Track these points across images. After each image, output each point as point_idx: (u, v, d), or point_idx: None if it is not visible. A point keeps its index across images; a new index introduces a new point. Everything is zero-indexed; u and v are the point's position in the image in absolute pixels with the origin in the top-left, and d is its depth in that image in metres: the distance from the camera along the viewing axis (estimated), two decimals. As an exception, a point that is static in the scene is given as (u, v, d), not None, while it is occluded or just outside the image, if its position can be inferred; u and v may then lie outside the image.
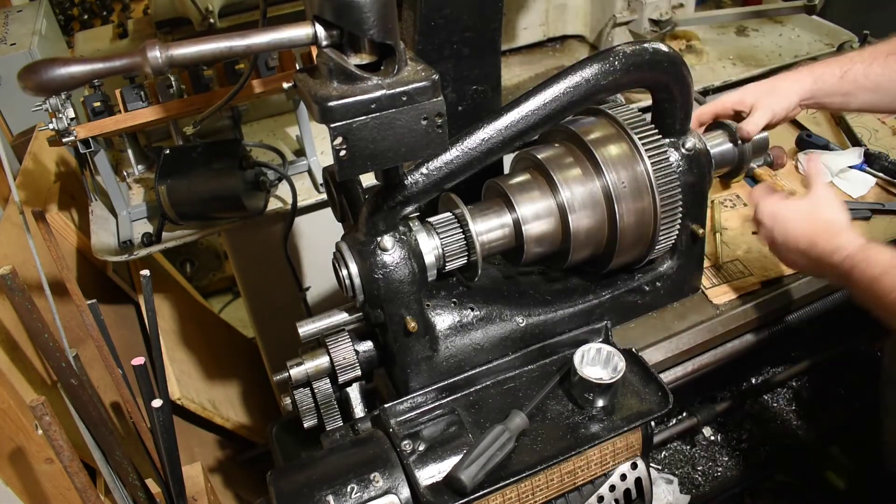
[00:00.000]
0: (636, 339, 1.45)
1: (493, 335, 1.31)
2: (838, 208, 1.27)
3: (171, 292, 2.69)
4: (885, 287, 1.08)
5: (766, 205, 1.35)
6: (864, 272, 1.12)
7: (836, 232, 1.22)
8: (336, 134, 0.94)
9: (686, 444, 1.86)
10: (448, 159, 1.17)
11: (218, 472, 2.40)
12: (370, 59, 0.96)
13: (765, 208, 1.35)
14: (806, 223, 1.27)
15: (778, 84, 1.50)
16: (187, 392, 2.18)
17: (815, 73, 1.50)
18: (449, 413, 1.25)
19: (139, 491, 1.38)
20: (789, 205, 1.32)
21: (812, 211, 1.28)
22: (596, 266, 1.40)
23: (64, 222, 2.15)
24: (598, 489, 1.26)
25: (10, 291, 1.18)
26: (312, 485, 1.14)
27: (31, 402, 1.11)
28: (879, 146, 1.97)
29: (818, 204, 1.29)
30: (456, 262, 1.24)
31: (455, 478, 1.11)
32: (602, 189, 1.29)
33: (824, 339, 1.77)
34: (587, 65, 1.21)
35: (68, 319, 1.67)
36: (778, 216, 1.32)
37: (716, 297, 1.54)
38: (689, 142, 1.36)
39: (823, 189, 1.31)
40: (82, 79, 0.87)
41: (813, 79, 1.49)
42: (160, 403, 1.26)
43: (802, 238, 1.27)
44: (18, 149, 2.21)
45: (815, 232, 1.25)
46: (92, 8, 4.06)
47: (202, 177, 1.83)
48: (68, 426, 1.25)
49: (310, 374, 1.29)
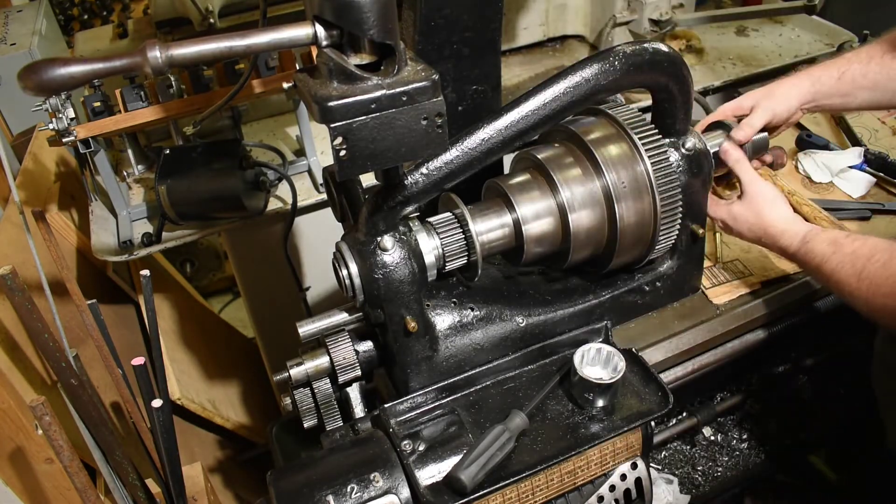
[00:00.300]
0: (636, 339, 1.45)
1: (493, 335, 1.31)
2: (771, 202, 1.37)
3: (171, 292, 2.69)
4: (825, 274, 1.25)
5: (714, 212, 1.45)
6: (809, 264, 1.29)
7: (778, 234, 1.35)
8: (336, 134, 0.94)
9: (686, 444, 1.86)
10: (448, 159, 1.17)
11: (218, 472, 2.40)
12: (370, 59, 0.96)
13: (715, 216, 1.46)
14: (750, 230, 1.40)
15: (776, 89, 1.51)
16: (187, 392, 2.18)
17: (812, 76, 1.51)
18: (449, 413, 1.25)
19: (139, 491, 1.38)
20: (732, 209, 1.43)
21: (753, 217, 1.39)
22: (596, 266, 1.40)
23: (64, 222, 2.15)
24: (598, 489, 1.26)
25: (10, 291, 1.18)
26: (312, 485, 1.14)
27: (31, 402, 1.11)
28: (879, 146, 1.97)
29: (754, 205, 1.39)
30: (456, 262, 1.24)
31: (455, 478, 1.11)
32: (602, 189, 1.29)
33: (824, 339, 1.77)
34: (587, 65, 1.21)
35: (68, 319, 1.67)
36: (727, 222, 1.44)
37: (716, 297, 1.54)
38: (688, 142, 1.36)
39: (753, 184, 1.40)
40: (82, 79, 0.87)
41: (811, 81, 1.50)
42: (160, 403, 1.26)
43: (755, 241, 1.42)
44: (18, 149, 2.21)
45: (759, 237, 1.40)
46: (92, 8, 4.06)
47: (202, 177, 1.83)
48: (68, 426, 1.25)
49: (310, 374, 1.29)
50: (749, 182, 1.41)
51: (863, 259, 1.17)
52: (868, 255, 1.16)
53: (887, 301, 1.12)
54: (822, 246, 1.25)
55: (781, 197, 1.40)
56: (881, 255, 1.15)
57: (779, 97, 1.49)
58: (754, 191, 1.40)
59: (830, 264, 1.23)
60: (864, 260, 1.17)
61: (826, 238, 1.26)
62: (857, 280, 1.17)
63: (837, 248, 1.23)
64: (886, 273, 1.12)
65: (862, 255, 1.17)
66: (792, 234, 1.33)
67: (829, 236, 1.26)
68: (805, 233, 1.31)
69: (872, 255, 1.16)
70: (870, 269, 1.15)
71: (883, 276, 1.12)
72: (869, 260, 1.16)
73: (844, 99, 1.49)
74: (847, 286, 1.19)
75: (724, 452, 1.85)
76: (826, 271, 1.24)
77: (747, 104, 1.50)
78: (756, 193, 1.39)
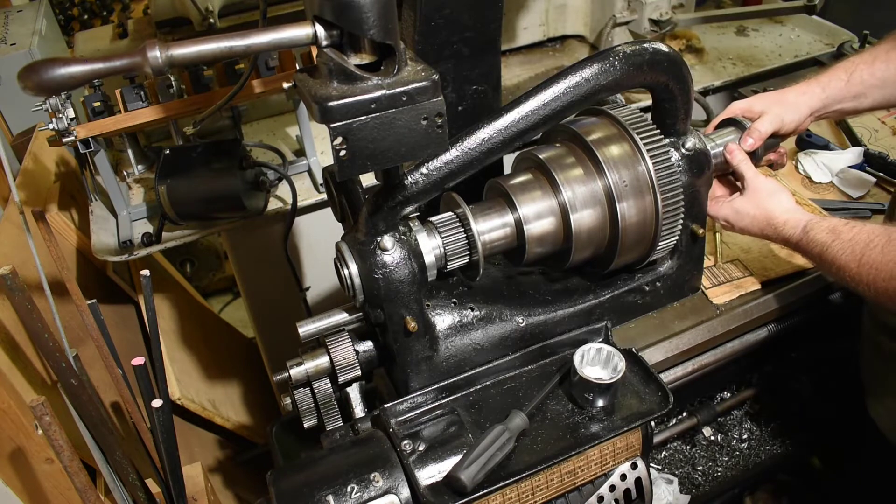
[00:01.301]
0: (636, 339, 1.45)
1: (493, 335, 1.31)
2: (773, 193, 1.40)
3: (171, 292, 2.69)
4: (827, 261, 1.26)
5: (716, 211, 1.46)
6: (811, 252, 1.31)
7: (781, 224, 1.36)
8: (336, 134, 0.94)
9: (686, 444, 1.86)
10: (448, 159, 1.17)
11: (218, 472, 2.40)
12: (370, 59, 0.96)
13: (717, 214, 1.46)
14: (754, 222, 1.41)
15: (787, 96, 1.52)
16: (187, 392, 2.18)
17: (821, 82, 1.51)
18: (449, 413, 1.25)
19: (139, 491, 1.38)
20: (734, 205, 1.44)
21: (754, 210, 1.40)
22: (598, 267, 1.40)
23: (64, 222, 2.15)
24: (598, 489, 1.26)
25: (10, 291, 1.18)
26: (312, 485, 1.14)
27: (31, 402, 1.11)
28: (879, 146, 1.97)
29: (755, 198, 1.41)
30: (457, 262, 1.24)
31: (455, 478, 1.11)
32: (604, 189, 1.29)
33: (824, 339, 1.77)
34: (587, 65, 1.21)
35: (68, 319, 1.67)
36: (730, 219, 1.45)
37: (716, 297, 1.54)
38: (689, 142, 1.36)
39: (755, 179, 1.42)
40: (82, 79, 0.87)
41: (821, 88, 1.50)
42: (160, 403, 1.26)
43: (758, 235, 1.43)
44: (18, 149, 2.21)
45: (763, 229, 1.40)
46: (92, 8, 4.06)
47: (202, 177, 1.83)
48: (68, 426, 1.25)
49: (310, 374, 1.29)
50: (752, 178, 1.42)
51: (861, 245, 1.19)
52: (866, 241, 1.19)
53: (888, 285, 1.14)
54: (822, 235, 1.27)
55: (784, 189, 1.41)
56: (879, 239, 1.17)
57: (789, 105, 1.49)
58: (756, 185, 1.41)
59: (831, 252, 1.24)
60: (862, 246, 1.19)
61: (825, 226, 1.28)
62: (858, 265, 1.19)
63: (836, 235, 1.25)
64: (885, 258, 1.15)
65: (860, 241, 1.20)
66: (794, 223, 1.34)
67: (829, 224, 1.28)
68: (806, 222, 1.32)
69: (870, 241, 1.18)
70: (869, 254, 1.17)
71: (882, 261, 1.15)
72: (867, 245, 1.18)
73: (856, 101, 1.50)
74: (848, 272, 1.21)
75: (724, 452, 1.85)
76: (827, 259, 1.25)
77: (757, 108, 1.50)
78: (758, 187, 1.41)
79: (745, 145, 1.45)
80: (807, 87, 1.52)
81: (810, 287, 1.56)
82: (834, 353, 1.80)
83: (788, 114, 1.48)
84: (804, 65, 2.60)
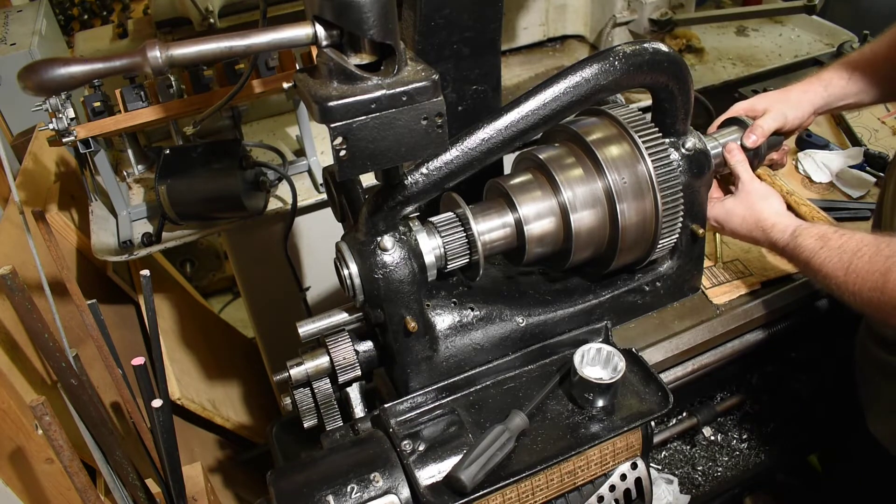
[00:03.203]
0: (636, 339, 1.45)
1: (493, 335, 1.31)
2: (764, 196, 1.40)
3: (171, 292, 2.70)
4: (814, 268, 1.25)
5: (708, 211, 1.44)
6: (798, 258, 1.30)
7: (769, 227, 1.36)
8: (336, 134, 0.94)
9: (686, 444, 1.86)
10: (448, 159, 1.17)
11: (218, 472, 2.40)
12: (370, 59, 0.96)
13: (709, 214, 1.45)
14: (743, 223, 1.41)
15: (790, 94, 1.52)
16: (187, 392, 2.18)
17: (823, 80, 1.52)
18: (449, 413, 1.25)
19: (139, 491, 1.38)
20: (725, 205, 1.44)
21: (744, 212, 1.41)
22: (598, 267, 1.40)
23: (64, 222, 2.15)
24: (598, 489, 1.26)
25: (10, 291, 1.18)
26: (312, 485, 1.14)
27: (31, 402, 1.11)
28: (879, 146, 1.97)
29: (747, 200, 1.41)
30: (457, 262, 1.24)
31: (455, 478, 1.11)
32: (604, 189, 1.29)
33: (824, 339, 1.77)
34: (587, 65, 1.21)
35: (68, 319, 1.67)
36: (720, 219, 1.45)
37: (716, 297, 1.54)
38: (688, 142, 1.36)
39: (749, 181, 1.42)
40: (82, 79, 0.87)
41: (823, 86, 1.51)
42: (160, 403, 1.26)
43: (747, 237, 1.43)
44: (18, 149, 2.21)
45: (751, 231, 1.40)
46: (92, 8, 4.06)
47: (202, 177, 1.83)
48: (68, 426, 1.25)
49: (310, 374, 1.29)
50: (746, 180, 1.42)
51: (849, 253, 1.17)
52: (854, 250, 1.17)
53: (873, 295, 1.12)
54: (810, 241, 1.26)
55: (776, 194, 1.41)
56: (867, 248, 1.15)
57: (792, 103, 1.50)
58: (749, 188, 1.41)
59: (818, 259, 1.23)
60: (850, 254, 1.17)
61: (814, 233, 1.27)
62: (845, 274, 1.17)
63: (825, 242, 1.23)
64: (872, 267, 1.12)
65: (848, 250, 1.18)
66: (782, 227, 1.33)
67: (818, 231, 1.27)
68: (795, 227, 1.31)
69: (858, 250, 1.16)
70: (856, 263, 1.15)
71: (869, 271, 1.13)
72: (855, 254, 1.16)
73: (858, 97, 1.50)
74: (835, 280, 1.19)
75: (724, 452, 1.85)
76: (814, 266, 1.24)
77: (760, 106, 1.51)
78: (751, 190, 1.41)
79: (748, 142, 1.45)
80: (809, 85, 1.53)
81: (810, 287, 1.56)
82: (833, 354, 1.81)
83: (791, 111, 1.49)
84: (804, 65, 2.60)
